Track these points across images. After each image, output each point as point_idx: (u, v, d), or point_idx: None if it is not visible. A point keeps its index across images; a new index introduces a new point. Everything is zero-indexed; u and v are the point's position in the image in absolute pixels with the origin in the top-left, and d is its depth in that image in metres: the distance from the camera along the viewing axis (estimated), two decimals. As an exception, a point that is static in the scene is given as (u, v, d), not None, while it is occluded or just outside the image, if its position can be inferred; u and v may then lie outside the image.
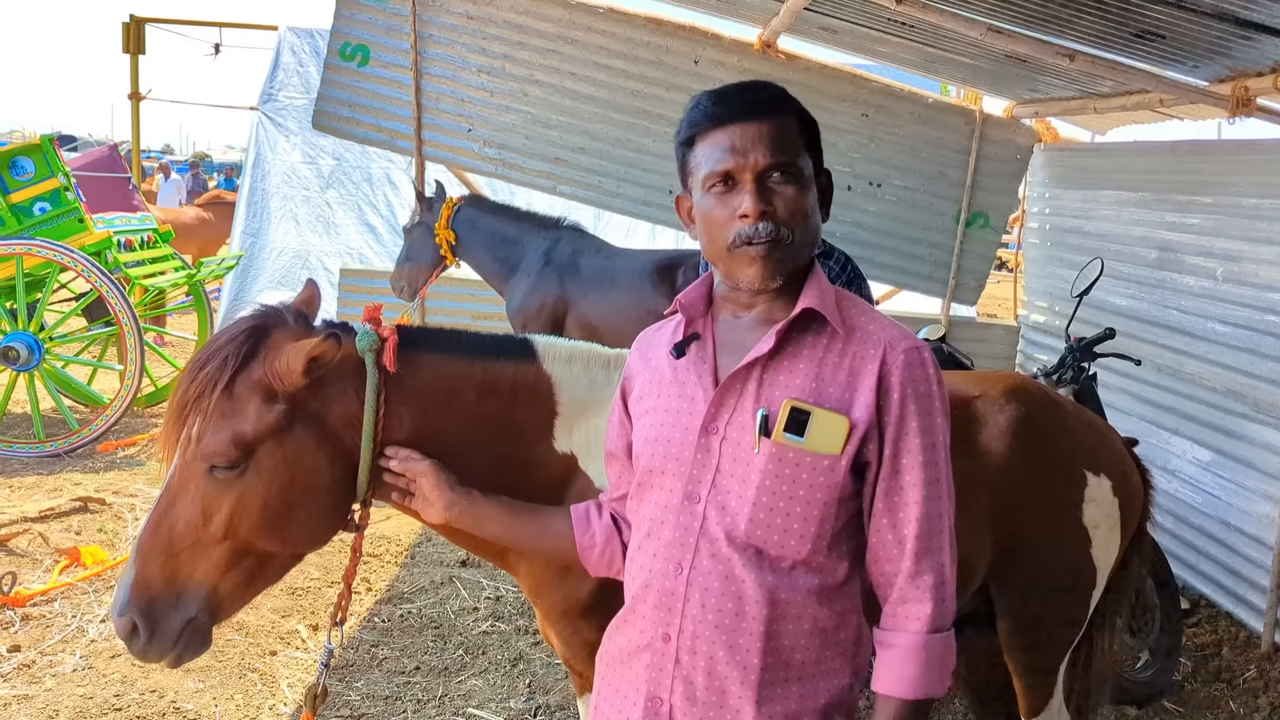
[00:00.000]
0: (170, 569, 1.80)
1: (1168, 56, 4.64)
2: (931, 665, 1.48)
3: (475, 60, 6.76)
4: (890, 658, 1.50)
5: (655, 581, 1.53)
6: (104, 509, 5.68)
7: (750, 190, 1.48)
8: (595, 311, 5.44)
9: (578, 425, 2.04)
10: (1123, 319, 5.74)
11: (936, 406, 1.51)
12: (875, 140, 6.86)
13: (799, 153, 1.52)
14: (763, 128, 1.49)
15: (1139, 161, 6.20)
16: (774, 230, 1.47)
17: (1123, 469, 2.67)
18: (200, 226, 12.17)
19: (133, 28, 10.69)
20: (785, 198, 1.49)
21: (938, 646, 1.49)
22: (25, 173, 7.08)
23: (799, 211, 1.50)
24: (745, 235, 1.48)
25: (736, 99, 1.53)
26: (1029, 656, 2.61)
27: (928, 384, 1.51)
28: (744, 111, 1.51)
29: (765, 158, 1.48)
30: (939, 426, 1.51)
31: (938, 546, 1.50)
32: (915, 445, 1.48)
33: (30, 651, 4.02)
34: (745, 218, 1.47)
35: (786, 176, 1.49)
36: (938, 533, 1.50)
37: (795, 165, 1.50)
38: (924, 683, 1.48)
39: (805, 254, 1.54)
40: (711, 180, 1.51)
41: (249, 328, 1.86)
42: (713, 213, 1.52)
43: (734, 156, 1.49)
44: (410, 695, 3.88)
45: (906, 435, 1.48)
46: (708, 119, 1.53)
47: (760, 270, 1.49)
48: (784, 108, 1.54)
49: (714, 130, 1.52)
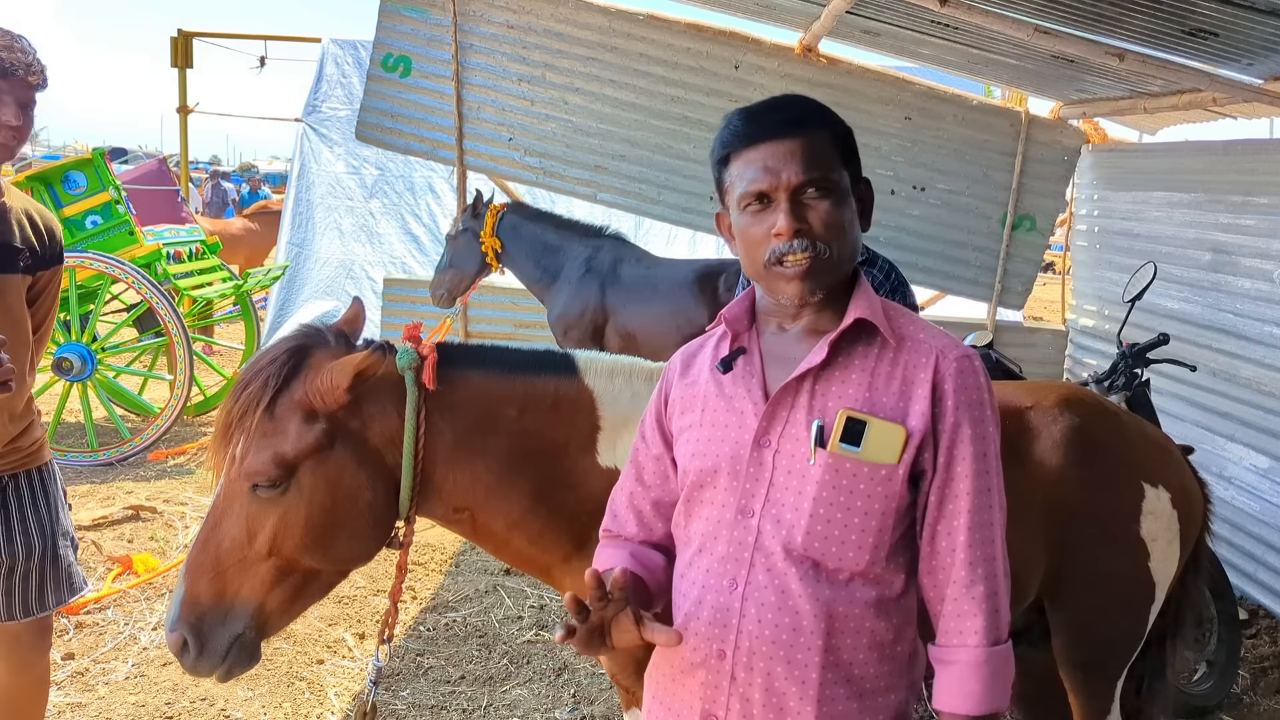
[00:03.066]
0: (218, 586, 1.83)
1: (1221, 55, 4.54)
2: (995, 679, 1.46)
3: (516, 69, 6.79)
4: (951, 674, 1.48)
5: (709, 597, 1.51)
6: (155, 517, 5.77)
7: (784, 209, 1.47)
8: (635, 321, 5.43)
9: (621, 439, 2.03)
10: (1176, 323, 5.62)
11: (988, 415, 1.51)
12: (918, 143, 6.79)
13: (833, 166, 1.51)
14: (795, 144, 1.48)
15: (1191, 162, 6.07)
16: (809, 246, 1.47)
17: (1182, 481, 2.61)
18: (247, 237, 12.33)
19: (180, 42, 10.85)
20: (820, 213, 1.48)
21: (998, 659, 1.47)
22: (78, 187, 7.23)
23: (835, 225, 1.49)
24: (780, 253, 1.48)
25: (767, 117, 1.52)
26: (1085, 673, 2.55)
27: (980, 392, 1.50)
28: (775, 129, 1.50)
29: (798, 175, 1.47)
30: (990, 435, 1.51)
31: (990, 556, 1.48)
32: (968, 454, 1.47)
33: (83, 659, 4.09)
34: (780, 236, 1.47)
35: (821, 192, 1.49)
36: (990, 542, 1.49)
37: (829, 179, 1.49)
38: (988, 698, 1.46)
39: (845, 266, 1.53)
40: (746, 199, 1.51)
41: (290, 348, 1.88)
42: (749, 231, 1.52)
43: (767, 175, 1.48)
44: (455, 705, 3.88)
45: (960, 443, 1.48)
46: (740, 138, 1.53)
47: (798, 287, 1.49)
48: (816, 122, 1.53)
49: (746, 149, 1.51)
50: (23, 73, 2.40)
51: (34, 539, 2.68)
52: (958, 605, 1.48)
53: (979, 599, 1.47)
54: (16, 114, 2.41)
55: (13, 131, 2.42)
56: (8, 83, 2.39)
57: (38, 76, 2.45)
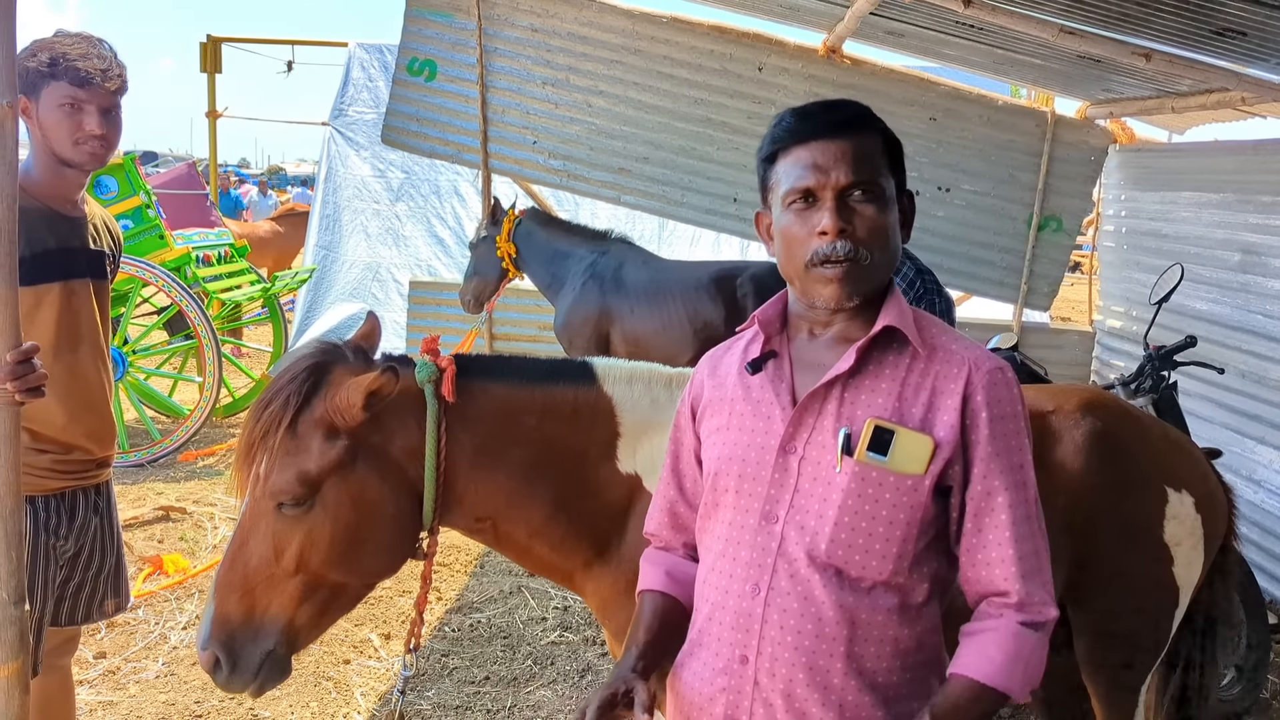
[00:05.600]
0: (247, 604, 1.85)
1: (1249, 54, 4.49)
2: (1019, 658, 1.42)
3: (540, 73, 6.82)
4: (973, 641, 1.45)
5: (731, 603, 1.51)
6: (185, 517, 5.85)
7: (830, 208, 1.46)
8: (642, 326, 5.34)
9: (641, 445, 2.04)
10: (1204, 324, 5.56)
11: (1022, 427, 1.50)
12: (944, 144, 6.75)
13: (881, 172, 1.50)
14: (846, 145, 1.48)
15: (1220, 161, 6.01)
16: (852, 250, 1.46)
17: (1206, 485, 2.59)
18: (274, 240, 12.46)
19: (209, 48, 10.97)
20: (865, 217, 1.47)
21: (1029, 641, 1.43)
22: (109, 191, 7.33)
23: (878, 231, 1.48)
24: (823, 254, 1.46)
25: (820, 116, 1.52)
26: (1108, 677, 2.54)
27: (1013, 405, 1.49)
28: (827, 129, 1.49)
29: (847, 176, 1.46)
30: (1025, 447, 1.50)
31: (1038, 568, 1.46)
32: (1005, 466, 1.46)
33: (115, 658, 4.15)
34: (824, 235, 1.46)
35: (868, 195, 1.48)
36: (1035, 554, 1.46)
37: (877, 184, 1.49)
38: (1005, 671, 1.41)
39: (884, 274, 1.52)
40: (792, 196, 1.50)
41: (309, 365, 1.89)
42: (792, 229, 1.50)
43: (816, 173, 1.47)
44: (480, 705, 3.91)
45: (995, 456, 1.46)
46: (791, 135, 1.52)
47: (837, 290, 1.47)
48: (868, 126, 1.53)
49: (796, 146, 1.50)
50: (99, 79, 2.40)
51: (102, 551, 2.72)
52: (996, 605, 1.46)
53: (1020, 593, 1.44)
54: (100, 123, 2.42)
55: (100, 140, 2.43)
56: (87, 91, 2.39)
57: (116, 81, 2.44)
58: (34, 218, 2.35)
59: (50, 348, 2.40)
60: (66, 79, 2.38)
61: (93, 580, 2.70)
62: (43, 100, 2.39)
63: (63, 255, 2.50)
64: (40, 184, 2.44)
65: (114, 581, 2.77)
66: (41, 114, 2.39)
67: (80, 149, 2.42)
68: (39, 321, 2.43)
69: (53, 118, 2.39)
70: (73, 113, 2.40)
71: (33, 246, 2.34)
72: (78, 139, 2.41)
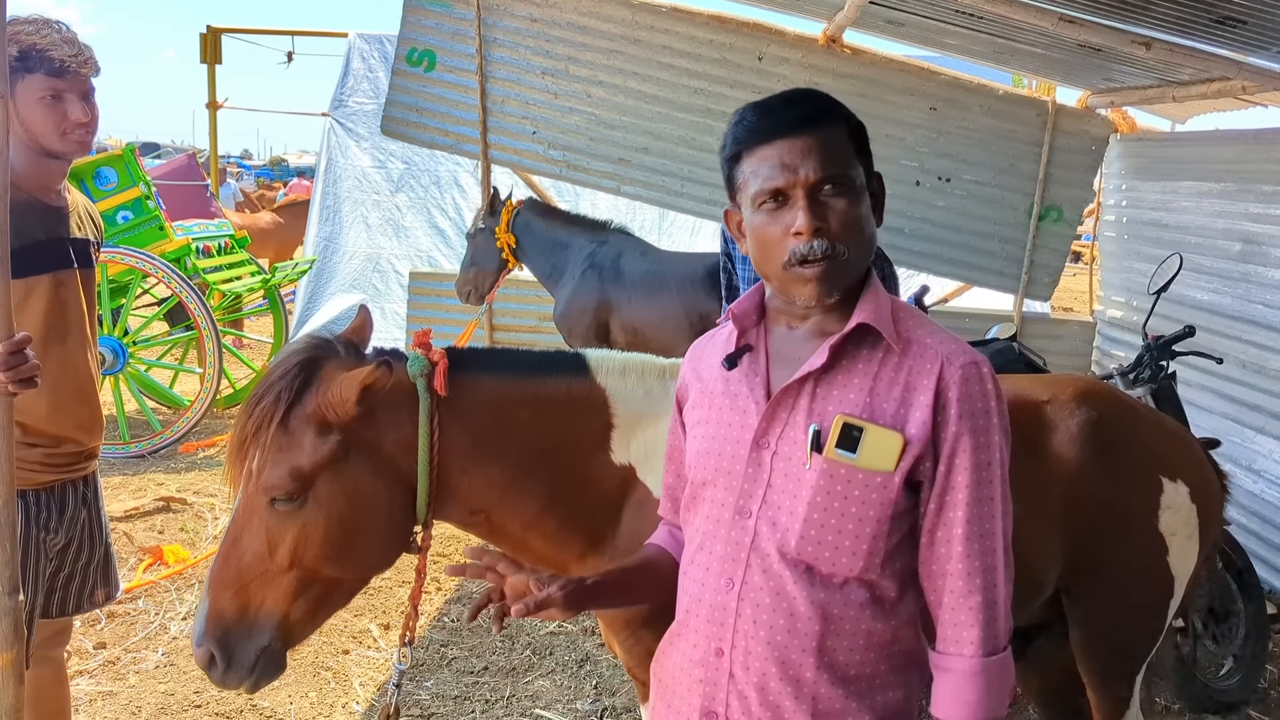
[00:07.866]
0: (241, 600, 1.84)
1: (1250, 42, 4.47)
2: (990, 689, 1.45)
3: (539, 63, 6.80)
4: (947, 683, 1.48)
5: (707, 596, 1.52)
6: (185, 508, 5.85)
7: (803, 206, 1.44)
8: (641, 316, 5.37)
9: (635, 436, 2.04)
10: (1204, 314, 5.55)
11: (994, 424, 1.47)
12: (944, 134, 6.73)
13: (850, 163, 1.48)
14: (811, 140, 1.45)
15: (1221, 151, 5.99)
16: (829, 248, 1.44)
17: (1201, 475, 2.59)
18: (275, 231, 12.45)
19: (209, 38, 10.94)
20: (838, 211, 1.45)
21: (994, 669, 1.45)
22: (109, 182, 7.33)
23: (853, 224, 1.46)
24: (800, 254, 1.44)
25: (782, 112, 1.48)
26: (1104, 667, 2.55)
27: (985, 400, 1.46)
28: (791, 125, 1.46)
29: (816, 172, 1.44)
30: (996, 444, 1.47)
31: (989, 566, 1.46)
32: (968, 464, 1.44)
33: (115, 648, 4.16)
34: (799, 235, 1.43)
35: (838, 189, 1.45)
36: (989, 552, 1.46)
37: (847, 176, 1.46)
38: (982, 707, 1.45)
39: (861, 266, 1.50)
40: (762, 197, 1.47)
41: (301, 360, 1.88)
42: (765, 230, 1.48)
43: (784, 173, 1.45)
44: (479, 695, 3.93)
45: (960, 453, 1.45)
46: (753, 134, 1.49)
47: (816, 289, 1.45)
48: (832, 117, 1.49)
49: (761, 145, 1.47)
50: (75, 65, 2.38)
51: (91, 542, 2.72)
52: (954, 615, 1.46)
53: (975, 609, 1.45)
54: (83, 110, 2.42)
55: (84, 128, 2.43)
56: (66, 80, 2.38)
57: (90, 65, 2.43)
58: (21, 210, 2.34)
59: (40, 339, 2.39)
60: (42, 70, 2.35)
61: (82, 571, 2.71)
62: (19, 94, 2.34)
63: (51, 246, 2.50)
64: (23, 176, 2.40)
65: (103, 571, 2.77)
66: (20, 108, 2.35)
67: (68, 139, 2.41)
68: (28, 313, 2.42)
69: (35, 112, 2.37)
70: (55, 104, 2.38)
71: (21, 239, 2.33)
72: (64, 129, 2.39)
